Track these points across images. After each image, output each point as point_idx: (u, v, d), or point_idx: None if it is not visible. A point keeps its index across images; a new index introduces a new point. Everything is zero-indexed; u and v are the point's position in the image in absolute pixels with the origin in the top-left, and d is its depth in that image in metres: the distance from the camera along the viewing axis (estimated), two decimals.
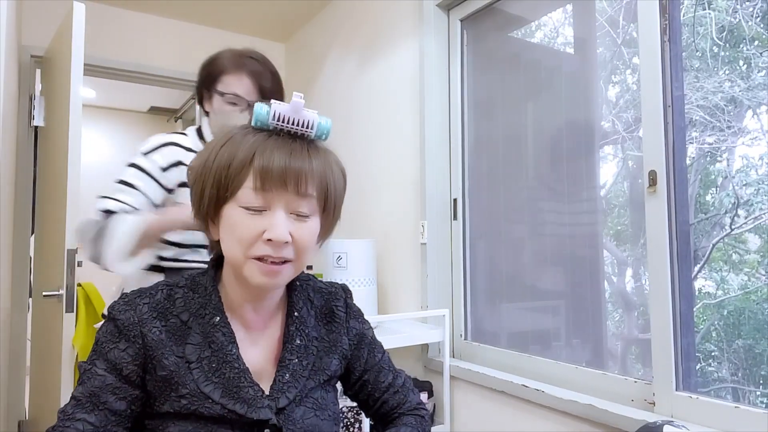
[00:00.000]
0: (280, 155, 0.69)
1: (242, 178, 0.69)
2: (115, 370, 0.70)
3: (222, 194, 0.71)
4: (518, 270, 1.87)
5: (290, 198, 0.70)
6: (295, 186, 0.69)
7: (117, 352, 0.71)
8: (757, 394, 1.24)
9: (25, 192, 2.55)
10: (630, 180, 1.55)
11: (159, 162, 1.27)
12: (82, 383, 0.71)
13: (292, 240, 0.70)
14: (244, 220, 0.69)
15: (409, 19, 2.26)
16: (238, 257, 0.70)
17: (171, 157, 1.29)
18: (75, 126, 1.82)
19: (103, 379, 0.70)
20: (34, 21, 2.62)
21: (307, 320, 0.81)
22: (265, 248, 0.69)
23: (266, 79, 1.31)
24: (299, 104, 0.71)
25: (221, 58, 1.31)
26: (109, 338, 0.72)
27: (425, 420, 0.90)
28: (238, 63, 1.29)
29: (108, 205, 1.19)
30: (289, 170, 0.69)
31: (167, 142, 1.30)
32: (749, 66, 1.27)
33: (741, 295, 1.30)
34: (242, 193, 0.69)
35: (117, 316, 0.72)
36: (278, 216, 0.69)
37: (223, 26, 3.18)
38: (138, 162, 1.27)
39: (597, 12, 1.65)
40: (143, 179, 1.25)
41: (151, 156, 1.27)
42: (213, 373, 0.71)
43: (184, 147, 1.32)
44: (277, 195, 0.69)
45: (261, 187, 0.68)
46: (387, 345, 1.80)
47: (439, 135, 2.11)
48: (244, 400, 0.71)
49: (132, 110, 5.24)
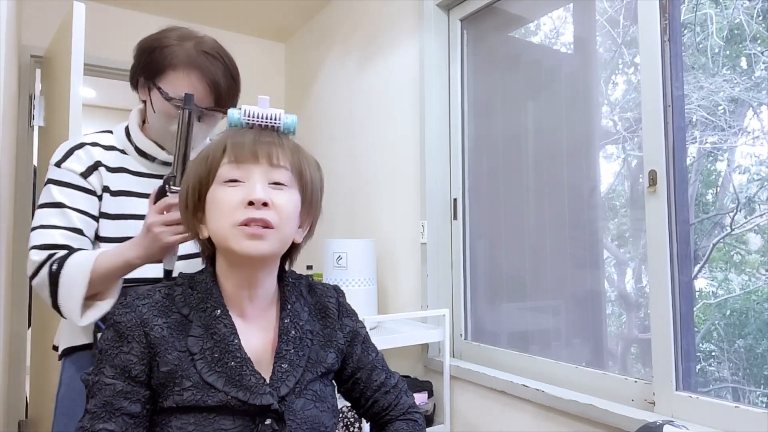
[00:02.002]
0: (250, 134, 0.78)
1: (219, 159, 0.76)
2: (123, 375, 0.71)
3: (204, 181, 0.77)
4: (518, 270, 1.87)
5: (264, 168, 0.76)
6: (267, 158, 0.76)
7: (123, 356, 0.72)
8: (758, 394, 1.24)
9: (25, 192, 2.55)
10: (630, 180, 1.55)
11: (75, 168, 1.08)
12: (93, 396, 0.71)
13: (273, 205, 0.74)
14: (225, 194, 0.75)
15: (409, 19, 2.26)
16: (224, 228, 0.74)
17: (87, 159, 1.09)
18: (75, 126, 1.82)
19: (113, 387, 0.71)
20: (34, 21, 2.62)
21: (300, 313, 0.84)
22: (247, 211, 0.73)
23: (223, 78, 1.08)
24: (266, 100, 0.80)
25: (170, 49, 1.06)
26: (111, 344, 0.73)
27: (419, 424, 0.90)
28: (191, 61, 1.05)
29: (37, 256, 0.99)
30: (259, 144, 0.76)
31: (79, 144, 1.11)
32: (750, 65, 1.27)
33: (741, 295, 1.30)
34: (221, 170, 0.76)
35: (117, 320, 0.73)
36: (255, 180, 0.75)
37: (224, 26, 3.18)
38: (53, 176, 1.07)
39: (597, 12, 1.65)
40: (66, 193, 1.06)
41: (65, 164, 1.08)
42: (216, 363, 0.73)
43: (102, 146, 1.12)
44: (252, 167, 0.76)
45: (235, 160, 0.75)
46: (387, 345, 1.82)
47: (439, 135, 2.11)
48: (246, 387, 0.72)
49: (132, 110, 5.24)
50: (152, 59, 1.07)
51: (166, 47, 1.06)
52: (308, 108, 3.14)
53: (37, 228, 1.03)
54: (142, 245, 0.96)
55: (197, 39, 1.09)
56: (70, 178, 1.07)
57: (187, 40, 1.08)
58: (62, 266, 0.97)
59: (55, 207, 1.04)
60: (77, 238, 1.04)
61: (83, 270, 0.96)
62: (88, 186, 1.08)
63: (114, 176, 1.11)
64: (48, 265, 0.98)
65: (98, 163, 1.10)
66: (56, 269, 0.97)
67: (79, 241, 1.05)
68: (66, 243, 1.02)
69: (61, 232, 1.02)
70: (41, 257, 0.99)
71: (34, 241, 1.01)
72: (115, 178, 1.11)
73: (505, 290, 1.93)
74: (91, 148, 1.11)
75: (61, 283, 0.96)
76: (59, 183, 1.06)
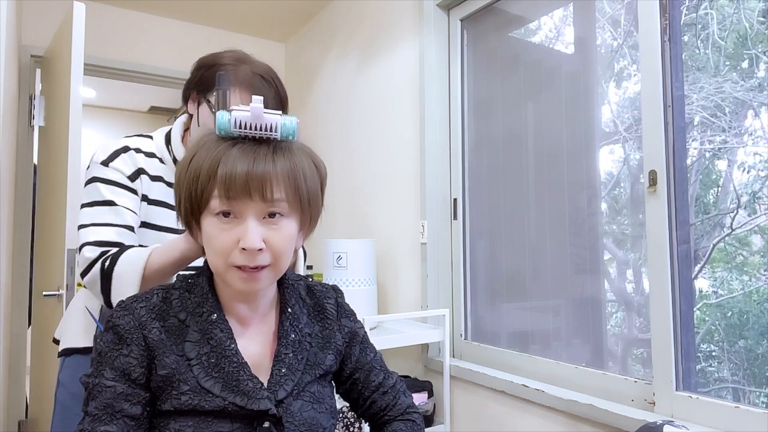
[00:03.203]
0: (242, 163, 0.70)
1: (210, 189, 0.71)
2: (123, 377, 0.71)
3: (195, 206, 0.73)
4: (518, 270, 1.87)
5: (258, 205, 0.71)
6: (260, 193, 0.70)
7: (122, 358, 0.71)
8: (758, 394, 1.24)
9: (25, 192, 2.56)
10: (630, 180, 1.55)
11: (123, 170, 1.08)
12: (94, 398, 0.71)
13: (267, 245, 0.71)
14: (219, 232, 0.71)
15: (409, 19, 2.26)
16: (220, 267, 0.72)
17: (132, 164, 1.10)
18: (75, 126, 1.82)
19: (114, 389, 0.71)
20: (34, 21, 2.62)
21: (299, 317, 0.83)
22: (241, 257, 0.70)
23: (272, 102, 1.12)
24: (259, 109, 0.70)
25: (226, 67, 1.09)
26: (111, 347, 0.73)
27: (417, 424, 0.89)
28: (245, 81, 1.08)
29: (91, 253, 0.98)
30: (251, 177, 0.69)
31: (125, 147, 1.11)
32: (751, 66, 1.27)
33: (742, 295, 1.30)
34: (213, 203, 0.71)
35: (117, 323, 0.73)
36: (249, 223, 0.70)
37: (224, 26, 3.19)
38: (100, 175, 1.07)
39: (597, 12, 1.65)
40: (116, 192, 1.05)
41: (113, 164, 1.08)
42: (212, 368, 0.73)
43: (145, 152, 1.13)
44: (244, 203, 0.70)
45: (226, 196, 0.70)
46: (387, 345, 1.82)
47: (439, 135, 2.11)
48: (244, 392, 0.72)
49: (132, 110, 5.25)
50: (207, 76, 1.11)
51: (222, 65, 1.10)
52: (308, 108, 3.13)
53: (89, 225, 1.02)
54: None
55: (253, 63, 1.13)
56: (118, 178, 1.07)
57: (244, 62, 1.12)
58: (115, 263, 0.96)
59: (106, 205, 1.04)
60: (130, 235, 1.05)
61: (137, 266, 0.95)
62: (134, 188, 1.09)
63: (154, 185, 1.12)
64: (101, 261, 0.97)
65: (141, 170, 1.11)
66: (109, 265, 0.96)
67: (132, 238, 1.05)
68: (119, 240, 1.02)
69: (114, 229, 1.02)
70: (95, 254, 0.99)
71: (86, 238, 1.01)
72: (154, 187, 1.12)
73: (505, 290, 1.93)
74: (134, 153, 1.11)
75: (114, 280, 0.96)
76: (108, 182, 1.06)
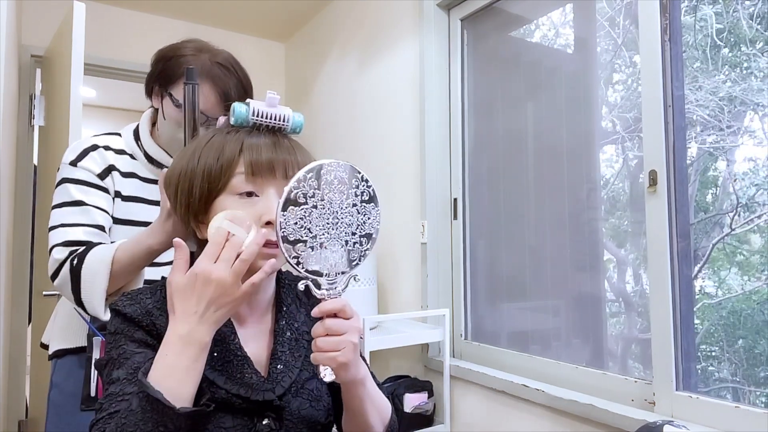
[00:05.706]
0: (267, 146, 0.75)
1: (233, 168, 0.73)
2: (148, 346, 0.71)
3: (213, 187, 0.74)
4: (518, 270, 1.87)
5: (279, 183, 0.74)
6: (284, 171, 0.74)
7: (140, 333, 0.71)
8: (758, 394, 1.24)
9: (25, 192, 2.55)
10: (630, 180, 1.55)
11: (92, 168, 1.07)
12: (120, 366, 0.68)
13: None
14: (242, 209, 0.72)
15: (409, 19, 2.26)
16: None
17: (101, 162, 1.09)
18: (75, 126, 1.82)
19: (144, 355, 0.69)
20: (34, 21, 2.62)
21: (296, 316, 0.84)
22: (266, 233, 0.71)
23: (234, 90, 1.10)
24: (275, 99, 0.76)
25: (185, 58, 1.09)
26: (125, 325, 0.72)
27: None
28: (205, 71, 1.07)
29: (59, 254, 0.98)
30: (276, 159, 0.74)
31: (93, 145, 1.10)
32: (749, 66, 1.27)
33: (742, 295, 1.30)
34: (235, 181, 0.73)
35: (124, 310, 0.73)
36: (272, 199, 0.73)
37: (223, 26, 3.18)
38: (69, 175, 1.06)
39: (597, 12, 1.65)
40: (85, 192, 1.05)
41: (82, 164, 1.07)
42: (216, 361, 0.74)
43: (114, 149, 1.12)
44: (267, 181, 0.74)
45: (252, 173, 0.73)
46: (387, 345, 1.82)
47: (439, 135, 2.11)
48: (248, 385, 0.74)
49: (132, 110, 5.24)
50: (167, 67, 1.11)
51: (182, 57, 1.09)
52: (308, 108, 3.13)
53: (58, 227, 1.02)
54: (163, 230, 0.94)
55: (213, 51, 1.11)
56: (87, 177, 1.07)
57: (203, 51, 1.10)
58: (83, 260, 0.96)
59: (75, 205, 1.04)
60: (99, 234, 1.04)
61: (104, 262, 0.95)
62: (105, 186, 1.08)
63: (126, 181, 1.11)
64: (69, 261, 0.97)
65: (112, 167, 1.10)
66: (77, 264, 0.96)
67: (101, 237, 1.05)
68: (88, 239, 1.02)
69: (83, 229, 1.02)
70: (63, 255, 0.98)
71: (55, 240, 1.01)
72: (126, 183, 1.11)
73: (505, 290, 1.93)
74: (104, 151, 1.11)
75: (83, 278, 0.96)
76: (76, 181, 1.06)
